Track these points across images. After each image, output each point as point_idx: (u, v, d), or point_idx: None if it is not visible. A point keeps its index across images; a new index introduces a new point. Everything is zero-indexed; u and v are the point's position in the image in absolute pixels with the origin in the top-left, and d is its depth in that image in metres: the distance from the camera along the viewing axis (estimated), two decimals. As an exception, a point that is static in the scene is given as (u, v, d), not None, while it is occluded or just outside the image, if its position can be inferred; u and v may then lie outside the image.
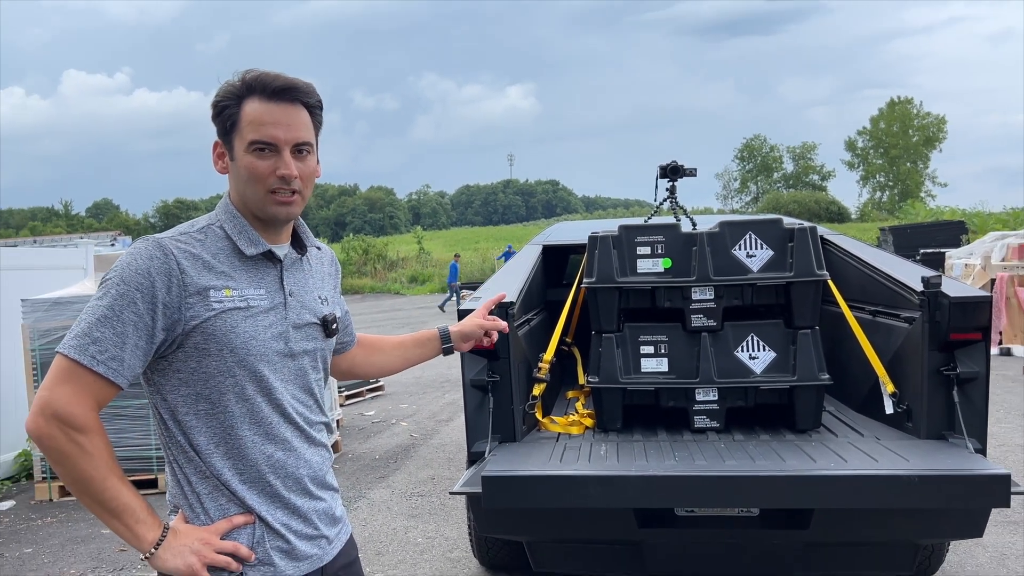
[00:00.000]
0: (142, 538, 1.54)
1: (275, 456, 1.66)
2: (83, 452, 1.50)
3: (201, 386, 1.60)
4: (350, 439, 7.97)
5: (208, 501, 1.63)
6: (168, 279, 1.55)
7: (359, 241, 41.40)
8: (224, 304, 1.59)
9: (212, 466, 1.62)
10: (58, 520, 5.87)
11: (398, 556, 4.78)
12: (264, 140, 1.61)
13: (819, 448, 3.30)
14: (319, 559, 1.73)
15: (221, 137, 1.67)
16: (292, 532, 1.68)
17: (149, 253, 1.56)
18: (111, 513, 1.53)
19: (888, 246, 21.24)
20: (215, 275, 1.60)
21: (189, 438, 1.62)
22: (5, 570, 4.93)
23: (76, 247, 9.38)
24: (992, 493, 2.87)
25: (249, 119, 1.61)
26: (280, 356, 1.67)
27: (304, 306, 1.73)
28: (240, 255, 1.65)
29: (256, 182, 1.62)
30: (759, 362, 3.71)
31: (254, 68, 1.65)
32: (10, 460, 7.04)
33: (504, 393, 3.46)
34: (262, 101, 1.61)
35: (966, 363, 3.25)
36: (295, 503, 1.69)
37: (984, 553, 4.42)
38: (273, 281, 1.69)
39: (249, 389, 1.62)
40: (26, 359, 6.30)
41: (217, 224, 1.67)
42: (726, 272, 3.76)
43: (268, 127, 1.60)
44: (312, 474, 1.73)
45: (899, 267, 3.82)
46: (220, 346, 1.58)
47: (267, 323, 1.64)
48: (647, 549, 3.34)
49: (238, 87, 1.63)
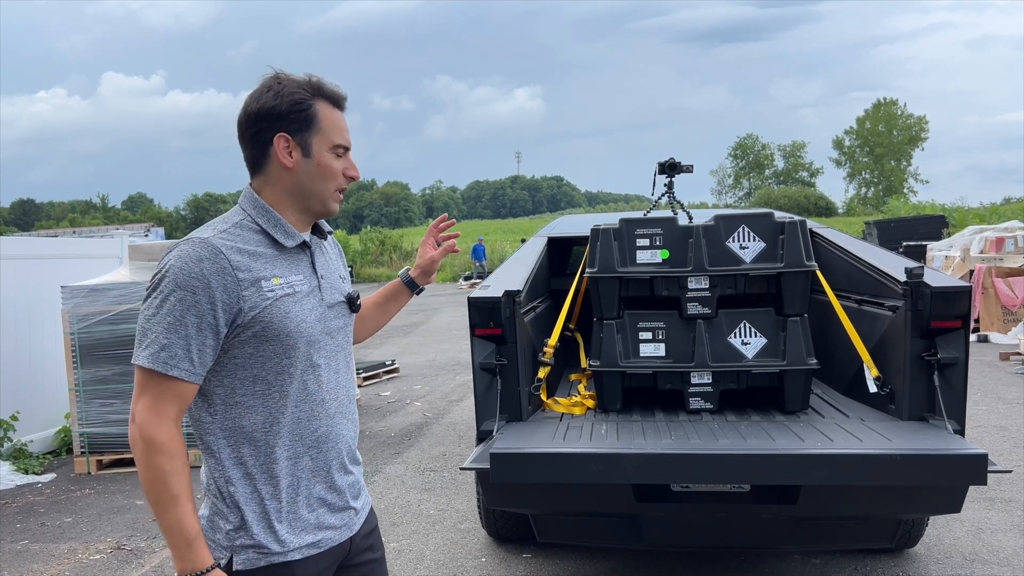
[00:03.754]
0: (185, 560, 1.52)
1: (320, 431, 1.67)
2: (168, 474, 1.51)
3: (259, 368, 1.59)
4: (367, 418, 7.99)
5: (232, 486, 1.60)
6: (223, 277, 1.52)
7: (376, 233, 41.32)
8: (276, 292, 1.59)
9: (264, 444, 1.60)
10: (96, 492, 5.91)
11: (411, 527, 4.80)
12: (344, 144, 1.67)
13: (807, 428, 3.28)
14: (348, 529, 1.74)
15: (291, 133, 1.62)
16: (326, 505, 1.69)
17: (199, 255, 1.52)
18: (168, 529, 1.52)
19: (873, 239, 21.10)
20: (262, 266, 1.59)
21: (241, 419, 1.60)
22: (47, 537, 4.97)
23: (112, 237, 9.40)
24: (970, 471, 2.85)
25: (330, 122, 1.65)
26: (323, 336, 1.68)
27: (333, 286, 1.74)
28: (276, 246, 1.64)
29: (330, 180, 1.66)
30: (751, 347, 3.69)
31: (311, 72, 1.67)
32: (51, 436, 7.09)
33: (511, 376, 3.45)
34: (332, 107, 1.66)
35: (946, 349, 3.23)
36: (333, 477, 1.70)
37: (961, 528, 4.40)
38: (307, 267, 1.69)
39: (299, 368, 1.62)
40: (65, 342, 6.32)
41: (249, 219, 1.64)
42: (720, 263, 3.74)
43: (345, 132, 1.68)
44: (348, 448, 1.75)
45: (884, 259, 3.80)
46: (277, 331, 1.58)
47: (310, 306, 1.65)
48: (644, 522, 3.34)
49: (308, 87, 1.63)
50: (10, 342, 6.72)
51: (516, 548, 4.36)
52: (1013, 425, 6.56)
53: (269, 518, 1.61)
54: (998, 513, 4.61)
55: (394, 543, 4.50)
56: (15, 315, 6.78)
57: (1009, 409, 7.16)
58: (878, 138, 73.93)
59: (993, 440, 6.11)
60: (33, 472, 6.43)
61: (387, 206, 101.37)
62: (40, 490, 6.04)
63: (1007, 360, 9.52)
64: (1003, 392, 7.91)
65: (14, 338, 6.76)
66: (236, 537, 1.60)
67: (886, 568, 3.91)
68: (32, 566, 4.51)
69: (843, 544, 3.67)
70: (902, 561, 3.98)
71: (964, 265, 12.78)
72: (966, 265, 12.69)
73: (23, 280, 6.83)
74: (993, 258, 12.33)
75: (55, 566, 4.49)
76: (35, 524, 5.25)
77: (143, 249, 6.86)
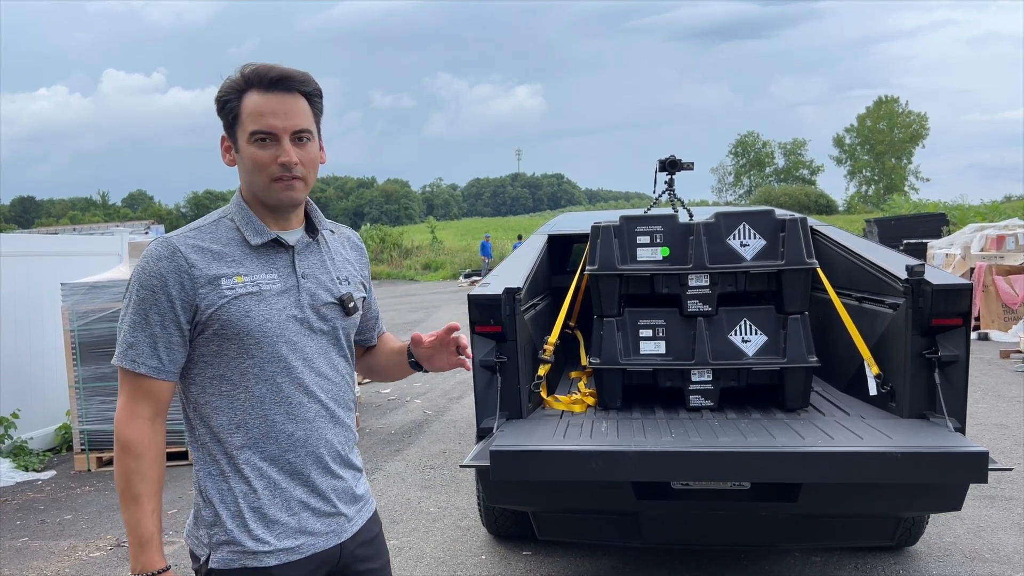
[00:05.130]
0: (136, 560, 1.58)
1: (296, 434, 1.63)
2: (131, 473, 1.56)
3: (224, 367, 1.60)
4: (367, 415, 7.98)
5: (208, 482, 1.63)
6: (179, 275, 1.55)
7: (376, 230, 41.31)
8: (236, 290, 1.58)
9: (231, 445, 1.60)
10: (96, 489, 5.90)
11: (412, 524, 4.79)
12: (263, 130, 1.57)
13: (807, 426, 3.28)
14: (335, 536, 1.69)
15: (226, 131, 1.64)
16: (308, 509, 1.65)
17: (157, 254, 1.57)
18: (127, 527, 1.58)
19: (873, 237, 21.06)
20: (225, 264, 1.59)
21: (210, 419, 1.61)
22: (47, 534, 4.97)
23: (112, 235, 9.36)
24: (971, 469, 2.85)
25: (249, 111, 1.58)
26: (300, 336, 1.64)
27: (321, 286, 1.69)
28: (248, 243, 1.63)
29: (260, 171, 1.59)
30: (751, 345, 3.68)
31: (252, 62, 1.61)
32: (51, 433, 7.08)
33: (511, 373, 3.45)
34: (260, 93, 1.58)
35: (947, 347, 3.22)
36: (314, 481, 1.66)
37: (961, 525, 4.40)
38: (285, 265, 1.65)
39: (269, 369, 1.60)
40: (65, 339, 6.32)
41: (228, 216, 1.66)
42: (721, 260, 3.73)
43: (267, 117, 1.57)
44: (333, 452, 1.69)
45: (884, 256, 3.79)
46: (236, 330, 1.57)
47: (281, 305, 1.62)
48: (644, 520, 3.33)
49: (238, 82, 1.60)
50: (10, 339, 6.71)
51: (516, 546, 4.35)
52: (1013, 423, 6.56)
53: (243, 516, 1.60)
54: (998, 511, 4.61)
55: (394, 540, 4.50)
56: (15, 312, 6.77)
57: (1009, 407, 7.16)
58: (879, 136, 73.80)
59: (993, 438, 6.11)
60: (33, 469, 6.42)
61: (387, 203, 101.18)
62: (40, 487, 6.04)
63: (1007, 358, 9.52)
64: (1003, 390, 7.90)
65: (14, 335, 6.75)
66: (212, 533, 1.61)
67: (886, 566, 3.90)
68: (32, 563, 4.50)
69: (843, 542, 3.67)
70: (902, 559, 3.98)
71: (964, 263, 12.76)
72: (966, 263, 12.67)
73: (23, 277, 6.82)
74: (993, 256, 12.32)
75: (55, 563, 4.49)
76: (35, 521, 5.24)
77: (143, 246, 6.85)
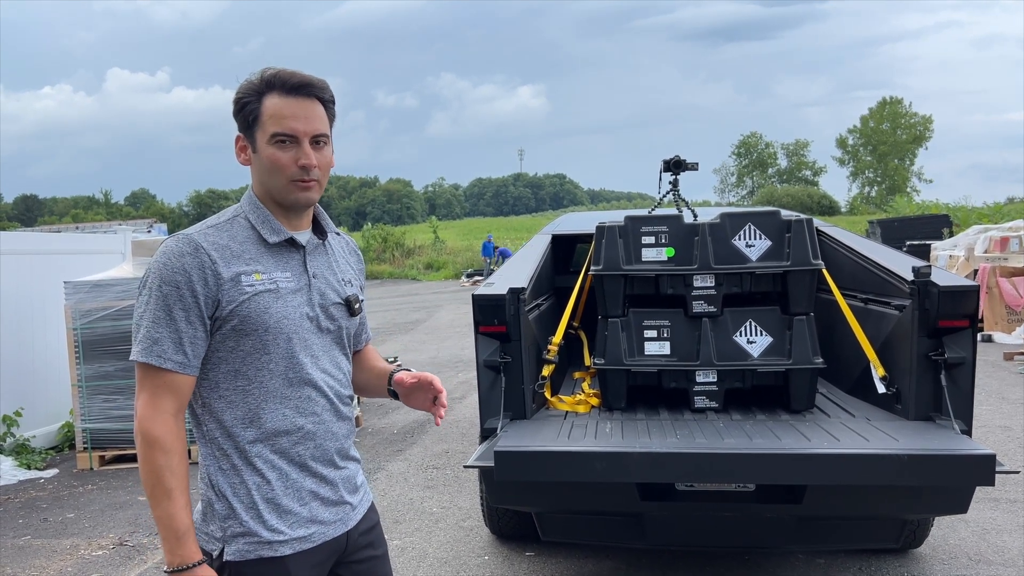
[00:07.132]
0: (174, 553, 1.55)
1: (306, 428, 1.67)
2: (161, 469, 1.55)
3: (239, 363, 1.62)
4: (370, 414, 7.98)
5: (220, 476, 1.63)
6: (203, 271, 1.57)
7: (378, 230, 41.27)
8: (256, 287, 1.61)
9: (243, 439, 1.62)
10: (98, 487, 5.90)
11: (414, 524, 4.78)
12: (285, 132, 1.62)
13: (813, 428, 3.27)
14: (343, 524, 1.74)
15: (243, 131, 1.68)
16: (318, 499, 1.70)
17: (180, 250, 1.58)
18: (160, 522, 1.55)
19: (876, 238, 21.01)
20: (244, 261, 1.62)
21: (221, 414, 1.63)
22: (49, 533, 4.97)
23: (115, 233, 9.38)
24: (978, 472, 2.83)
25: (270, 113, 1.62)
26: (310, 333, 1.68)
27: (329, 286, 1.74)
28: (264, 242, 1.67)
29: (279, 172, 1.63)
30: (756, 346, 3.67)
31: (271, 66, 1.66)
32: (53, 431, 7.09)
33: (515, 373, 3.44)
34: (281, 96, 1.62)
35: (953, 349, 3.21)
36: (322, 471, 1.70)
37: (967, 528, 4.38)
38: (297, 265, 1.70)
39: (283, 365, 1.64)
40: (68, 337, 6.32)
41: (242, 215, 1.69)
42: (726, 261, 3.72)
43: (288, 120, 1.61)
44: (338, 445, 1.75)
45: (890, 258, 3.78)
46: (255, 326, 1.60)
47: (295, 303, 1.66)
48: (648, 521, 3.32)
49: (258, 84, 1.64)
50: (13, 338, 6.71)
51: (519, 546, 4.34)
52: (1017, 425, 6.54)
53: (257, 507, 1.62)
54: (1003, 514, 4.59)
55: (397, 540, 4.49)
56: (18, 310, 6.78)
57: (1013, 409, 7.14)
58: (882, 137, 73.65)
59: (997, 440, 6.09)
60: (35, 468, 6.43)
61: (389, 203, 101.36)
62: (42, 486, 6.04)
63: (1011, 360, 9.48)
64: (1007, 392, 7.88)
65: (17, 334, 6.75)
66: (227, 526, 1.62)
67: (891, 568, 3.89)
68: (34, 561, 4.50)
69: (848, 544, 3.65)
70: (907, 561, 3.96)
71: (968, 264, 12.73)
72: (970, 264, 12.64)
73: (26, 276, 6.82)
74: (997, 258, 12.29)
75: (57, 562, 4.49)
76: (37, 520, 5.24)
77: (146, 245, 6.85)
